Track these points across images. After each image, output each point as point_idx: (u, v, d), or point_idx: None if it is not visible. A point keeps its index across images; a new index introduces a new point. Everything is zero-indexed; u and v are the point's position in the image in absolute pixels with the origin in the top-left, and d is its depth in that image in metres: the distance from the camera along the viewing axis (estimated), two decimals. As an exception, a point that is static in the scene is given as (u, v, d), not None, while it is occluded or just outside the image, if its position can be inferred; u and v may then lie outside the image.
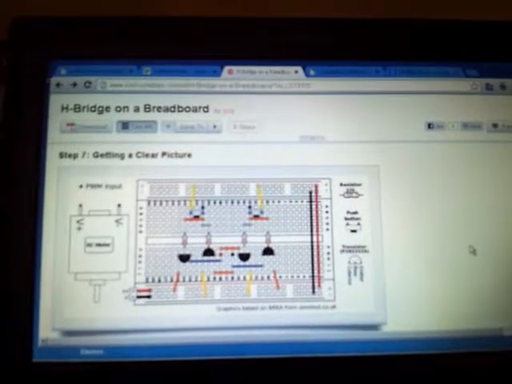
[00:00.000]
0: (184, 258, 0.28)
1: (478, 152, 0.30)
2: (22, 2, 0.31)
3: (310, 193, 0.29)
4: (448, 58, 0.31)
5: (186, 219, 0.29)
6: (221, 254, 0.28)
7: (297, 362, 0.28)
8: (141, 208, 0.29)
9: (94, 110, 0.29)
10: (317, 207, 0.29)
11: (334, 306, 0.28)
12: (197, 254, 0.28)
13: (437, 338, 0.28)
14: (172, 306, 0.28)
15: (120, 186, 0.29)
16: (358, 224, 0.29)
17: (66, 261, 0.28)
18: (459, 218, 0.29)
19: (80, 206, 0.28)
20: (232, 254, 0.29)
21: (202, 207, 0.29)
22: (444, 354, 0.28)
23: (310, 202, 0.29)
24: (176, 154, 0.29)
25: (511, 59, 0.31)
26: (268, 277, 0.28)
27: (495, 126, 0.30)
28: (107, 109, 0.29)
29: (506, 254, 0.29)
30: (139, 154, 0.29)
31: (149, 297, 0.28)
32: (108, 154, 0.29)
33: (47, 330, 0.27)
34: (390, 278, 0.29)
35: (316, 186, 0.29)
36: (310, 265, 0.29)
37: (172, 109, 0.30)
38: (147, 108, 0.30)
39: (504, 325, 0.29)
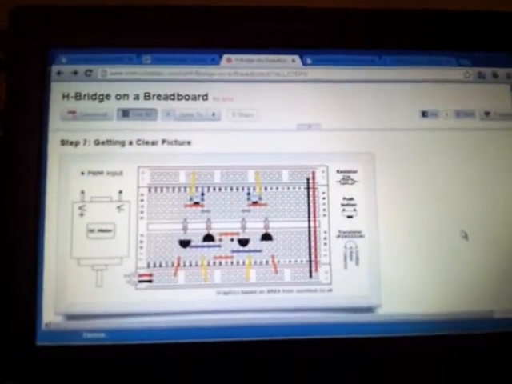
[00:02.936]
0: (184, 244, 0.29)
1: (470, 139, 0.31)
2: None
3: (308, 179, 0.30)
4: (441, 47, 0.31)
5: (186, 205, 0.29)
6: (220, 240, 0.29)
7: (294, 343, 0.28)
8: (142, 194, 0.29)
9: (95, 98, 0.30)
10: (314, 194, 0.30)
11: (330, 290, 0.29)
12: (197, 240, 0.29)
13: (429, 321, 0.29)
14: (173, 290, 0.28)
15: (121, 173, 0.29)
16: (354, 210, 0.30)
17: (69, 246, 0.28)
18: (452, 204, 0.30)
19: (82, 192, 0.29)
20: (231, 240, 0.29)
21: (202, 194, 0.29)
22: (436, 336, 0.29)
23: (308, 188, 0.30)
24: (176, 141, 0.30)
25: (503, 48, 0.31)
26: (266, 261, 0.29)
27: (487, 114, 0.31)
28: (107, 97, 0.30)
29: (496, 238, 0.30)
30: (139, 142, 0.29)
31: (150, 281, 0.28)
32: (109, 142, 0.29)
33: (50, 314, 0.28)
34: (384, 262, 0.29)
35: (313, 173, 0.30)
36: (308, 250, 0.29)
37: (171, 97, 0.30)
38: (147, 96, 0.30)
39: (495, 308, 0.29)
